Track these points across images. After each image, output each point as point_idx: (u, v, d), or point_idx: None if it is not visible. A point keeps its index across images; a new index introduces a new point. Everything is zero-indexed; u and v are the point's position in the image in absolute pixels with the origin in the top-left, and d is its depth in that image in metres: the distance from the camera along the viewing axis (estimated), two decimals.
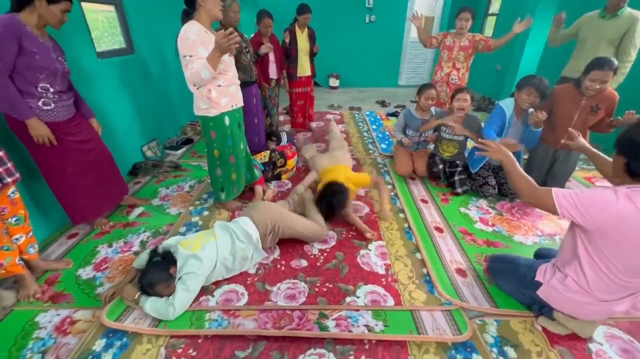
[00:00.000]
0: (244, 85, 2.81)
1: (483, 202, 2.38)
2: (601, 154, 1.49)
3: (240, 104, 2.06)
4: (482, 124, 2.44)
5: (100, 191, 2.00)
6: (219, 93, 1.85)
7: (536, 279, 1.37)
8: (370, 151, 3.35)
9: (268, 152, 2.63)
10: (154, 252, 1.58)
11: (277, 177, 2.72)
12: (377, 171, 2.87)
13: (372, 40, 6.11)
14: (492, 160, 2.46)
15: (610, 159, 1.40)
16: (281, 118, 4.22)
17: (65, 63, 1.74)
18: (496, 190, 2.40)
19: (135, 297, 1.46)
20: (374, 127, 4.08)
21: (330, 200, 1.95)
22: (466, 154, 2.64)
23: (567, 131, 2.24)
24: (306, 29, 3.43)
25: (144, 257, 1.60)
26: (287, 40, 3.32)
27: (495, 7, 5.60)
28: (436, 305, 1.50)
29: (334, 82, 6.39)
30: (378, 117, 4.51)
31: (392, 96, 5.81)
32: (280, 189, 2.57)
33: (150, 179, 2.73)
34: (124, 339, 1.34)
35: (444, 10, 6.01)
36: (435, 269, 1.71)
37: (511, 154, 1.37)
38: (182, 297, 1.43)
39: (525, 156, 2.66)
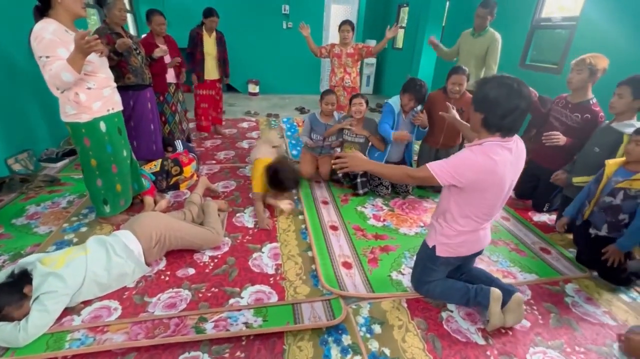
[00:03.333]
0: (136, 88, 2.80)
1: (379, 201, 2.72)
2: (464, 122, 1.93)
3: (119, 108, 2.06)
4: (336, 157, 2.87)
5: None
6: (89, 97, 1.83)
7: (430, 246, 1.61)
8: None
9: (160, 160, 2.63)
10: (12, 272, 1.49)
11: (175, 186, 2.72)
12: None
13: (291, 46, 6.45)
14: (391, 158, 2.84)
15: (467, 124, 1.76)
16: (192, 125, 4.19)
17: None
18: (389, 190, 2.77)
19: None
20: (289, 134, 4.31)
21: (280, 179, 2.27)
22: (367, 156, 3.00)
23: (442, 131, 2.73)
24: (214, 33, 3.57)
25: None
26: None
27: (403, 22, 6.41)
28: (318, 296, 1.70)
29: (253, 88, 6.54)
30: (295, 124, 4.76)
31: (313, 103, 6.17)
32: (177, 199, 2.58)
33: (17, 197, 2.50)
34: None
35: (358, 18, 6.65)
36: (322, 264, 1.92)
37: (368, 161, 1.54)
38: (37, 319, 1.38)
39: (415, 157, 3.15)
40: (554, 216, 2.61)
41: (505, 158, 1.34)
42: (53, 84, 1.71)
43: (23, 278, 1.47)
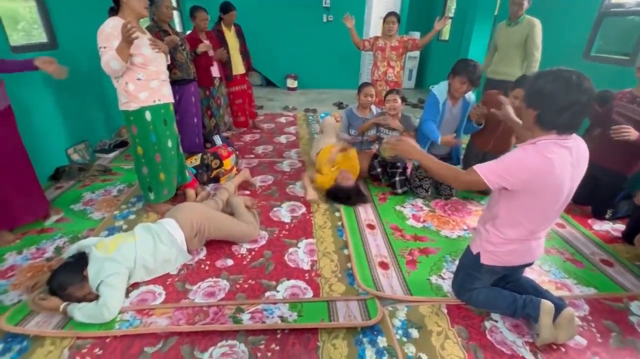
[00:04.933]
0: (182, 83, 2.96)
1: (419, 201, 2.65)
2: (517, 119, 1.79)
3: (166, 100, 2.18)
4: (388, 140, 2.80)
5: (22, 200, 2.00)
6: (137, 87, 1.98)
7: (474, 253, 1.54)
8: None
9: (199, 155, 2.75)
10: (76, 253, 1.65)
11: (216, 180, 2.84)
12: None
13: (331, 40, 6.43)
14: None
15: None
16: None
17: None
18: (429, 192, 2.68)
19: (61, 309, 1.48)
20: None
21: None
22: None
23: (494, 133, 2.57)
24: (233, 27, 3.66)
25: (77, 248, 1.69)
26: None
27: (451, 12, 6.16)
28: (353, 295, 1.70)
29: (291, 83, 6.63)
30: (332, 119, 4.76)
31: (351, 98, 6.12)
32: None
33: (75, 184, 2.75)
34: (25, 343, 1.41)
35: (402, 9, 6.47)
36: (358, 264, 1.91)
37: (420, 150, 1.48)
38: (112, 295, 1.51)
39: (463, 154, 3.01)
40: (618, 225, 2.39)
41: (563, 158, 1.25)
42: (107, 73, 1.89)
43: (82, 260, 1.61)
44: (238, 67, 3.77)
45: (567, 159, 1.26)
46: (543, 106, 1.24)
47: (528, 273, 1.85)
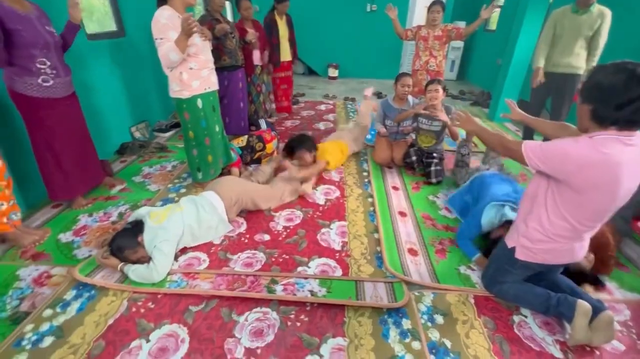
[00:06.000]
0: (230, 69, 3.04)
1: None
2: (540, 119, 1.64)
3: (214, 87, 2.26)
4: (456, 111, 2.64)
5: (80, 172, 2.16)
6: (190, 76, 2.05)
7: (509, 247, 1.45)
8: None
9: (246, 137, 2.84)
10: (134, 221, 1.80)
11: (258, 161, 2.92)
12: (356, 160, 3.06)
13: (373, 30, 6.25)
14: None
15: (549, 121, 1.57)
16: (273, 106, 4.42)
17: (55, 32, 1.87)
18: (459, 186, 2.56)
19: (118, 268, 1.64)
20: None
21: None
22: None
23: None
24: (284, 16, 3.68)
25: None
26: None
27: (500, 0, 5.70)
28: (381, 278, 1.69)
29: (332, 72, 6.56)
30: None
31: (391, 88, 5.93)
32: None
33: (136, 159, 2.97)
34: (92, 292, 1.57)
35: None
36: (388, 248, 1.90)
37: (476, 123, 1.58)
38: (162, 260, 1.64)
39: None
40: None
41: (622, 154, 1.11)
42: (163, 63, 1.97)
43: (138, 228, 1.74)
44: (286, 54, 3.82)
45: (628, 157, 1.12)
46: (599, 100, 1.13)
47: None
